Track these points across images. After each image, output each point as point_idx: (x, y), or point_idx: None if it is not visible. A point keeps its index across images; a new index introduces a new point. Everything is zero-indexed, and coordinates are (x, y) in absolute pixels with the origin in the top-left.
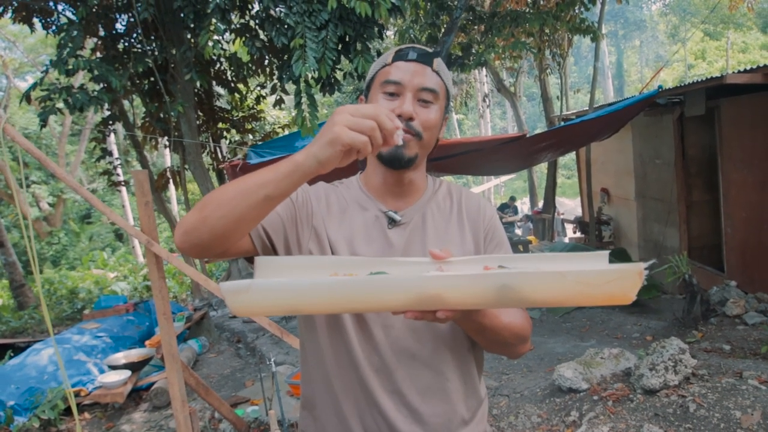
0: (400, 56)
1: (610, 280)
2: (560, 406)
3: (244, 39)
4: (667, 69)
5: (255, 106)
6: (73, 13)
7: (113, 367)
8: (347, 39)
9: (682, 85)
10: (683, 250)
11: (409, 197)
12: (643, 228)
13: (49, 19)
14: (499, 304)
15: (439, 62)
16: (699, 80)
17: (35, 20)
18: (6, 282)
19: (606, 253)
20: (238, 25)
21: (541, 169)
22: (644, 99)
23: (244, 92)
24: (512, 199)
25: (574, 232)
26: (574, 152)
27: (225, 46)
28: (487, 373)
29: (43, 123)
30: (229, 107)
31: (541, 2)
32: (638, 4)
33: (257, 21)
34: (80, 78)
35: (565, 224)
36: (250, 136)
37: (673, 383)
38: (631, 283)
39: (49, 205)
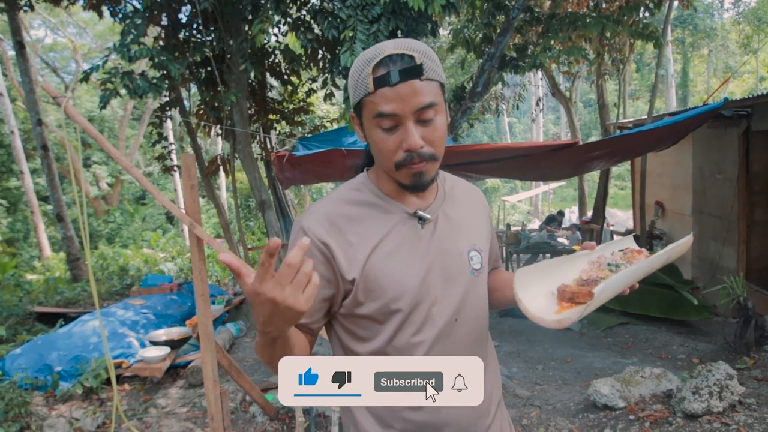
0: (382, 81)
1: (686, 247)
2: (594, 422)
3: (296, 32)
4: (736, 80)
5: (306, 99)
6: (139, 2)
7: (154, 343)
8: (398, 33)
9: (751, 96)
10: (740, 271)
11: (429, 195)
12: (698, 245)
13: (117, 7)
14: (657, 268)
15: (424, 62)
16: None
17: (104, 8)
18: (64, 255)
19: (631, 236)
20: (293, 19)
21: (593, 177)
22: (709, 110)
23: (297, 84)
24: (560, 213)
25: None
26: (629, 162)
27: (280, 38)
28: (520, 382)
29: (103, 105)
30: (280, 99)
31: (603, 5)
32: (709, 11)
33: (311, 14)
34: (143, 65)
35: (615, 236)
36: (300, 129)
37: (717, 410)
38: (687, 247)
39: (108, 185)
